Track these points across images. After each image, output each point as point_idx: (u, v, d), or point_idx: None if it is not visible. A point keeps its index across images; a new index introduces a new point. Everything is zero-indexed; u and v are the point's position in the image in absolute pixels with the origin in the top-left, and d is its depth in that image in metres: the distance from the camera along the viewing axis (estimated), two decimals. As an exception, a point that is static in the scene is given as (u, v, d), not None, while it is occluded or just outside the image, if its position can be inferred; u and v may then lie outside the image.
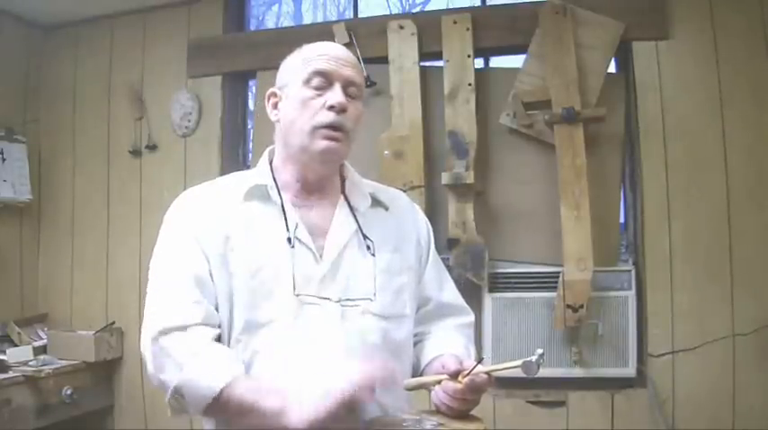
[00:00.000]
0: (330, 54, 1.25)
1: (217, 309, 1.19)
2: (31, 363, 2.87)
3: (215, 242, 1.20)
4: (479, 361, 1.15)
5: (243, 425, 1.11)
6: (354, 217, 1.29)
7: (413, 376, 1.31)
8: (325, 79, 1.23)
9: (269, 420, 1.07)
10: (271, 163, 1.33)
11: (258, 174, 1.30)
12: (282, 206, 1.25)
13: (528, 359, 1.10)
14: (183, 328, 1.14)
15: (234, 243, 1.21)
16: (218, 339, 1.18)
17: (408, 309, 1.30)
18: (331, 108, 1.21)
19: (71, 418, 3.01)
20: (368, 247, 1.27)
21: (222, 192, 1.28)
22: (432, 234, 1.44)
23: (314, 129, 1.22)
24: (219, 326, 1.18)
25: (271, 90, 1.31)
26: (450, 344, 1.32)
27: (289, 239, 1.21)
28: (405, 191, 2.78)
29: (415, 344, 1.36)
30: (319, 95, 1.23)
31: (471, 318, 1.44)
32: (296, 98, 1.24)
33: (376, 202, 1.35)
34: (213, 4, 3.30)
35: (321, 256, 1.22)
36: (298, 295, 1.18)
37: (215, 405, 1.09)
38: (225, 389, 1.08)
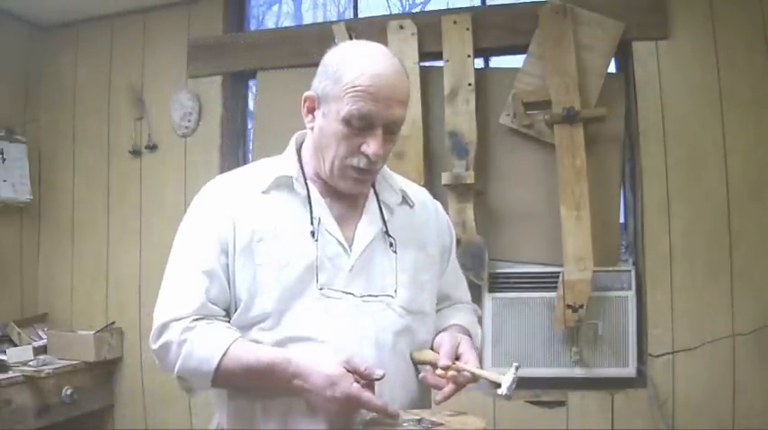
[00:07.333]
0: (380, 92, 1.14)
1: (236, 304, 1.19)
2: (31, 363, 2.87)
3: (240, 234, 1.19)
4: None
5: (256, 389, 1.16)
6: (381, 212, 1.29)
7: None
8: (367, 121, 1.15)
9: (277, 374, 1.11)
10: (299, 150, 1.30)
11: (284, 163, 1.27)
12: (309, 197, 1.23)
13: (500, 391, 1.12)
14: (178, 320, 1.16)
15: (260, 235, 1.19)
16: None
17: (429, 307, 1.32)
18: (366, 155, 1.17)
19: (71, 418, 3.01)
20: (390, 244, 1.26)
21: (248, 182, 1.26)
22: (453, 233, 1.45)
23: (345, 167, 1.19)
24: (226, 317, 1.20)
25: (307, 94, 1.23)
26: (459, 317, 1.39)
27: (312, 233, 1.20)
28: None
29: None
30: (357, 135, 1.16)
31: (478, 309, 1.52)
32: (332, 128, 1.18)
33: (404, 199, 1.35)
34: (213, 4, 3.30)
35: (350, 248, 1.22)
36: (321, 289, 1.18)
37: (220, 376, 1.13)
38: (223, 359, 1.12)
